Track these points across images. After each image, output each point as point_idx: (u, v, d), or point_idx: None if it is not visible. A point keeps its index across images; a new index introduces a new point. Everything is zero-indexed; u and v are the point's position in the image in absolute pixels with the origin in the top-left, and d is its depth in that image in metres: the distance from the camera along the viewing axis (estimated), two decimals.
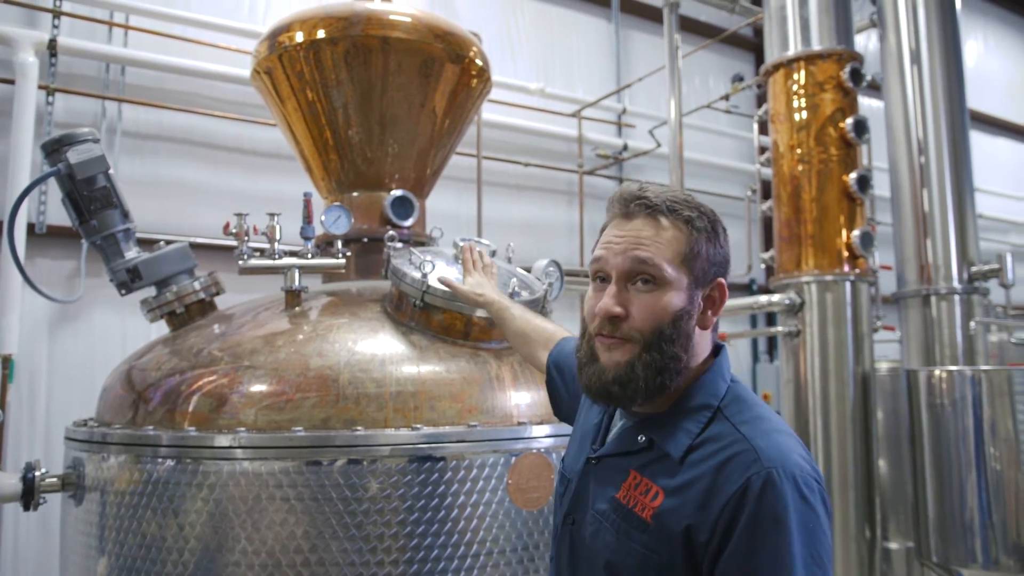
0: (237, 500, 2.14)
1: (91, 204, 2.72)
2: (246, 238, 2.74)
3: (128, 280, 2.78)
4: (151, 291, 2.87)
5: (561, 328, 2.15)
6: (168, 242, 2.92)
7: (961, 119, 5.29)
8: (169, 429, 2.32)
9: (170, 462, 2.23)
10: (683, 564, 1.31)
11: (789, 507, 1.25)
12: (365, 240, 3.19)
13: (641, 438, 1.45)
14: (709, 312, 1.47)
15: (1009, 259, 5.00)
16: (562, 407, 1.97)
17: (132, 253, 2.82)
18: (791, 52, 4.86)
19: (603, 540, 1.43)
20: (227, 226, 2.79)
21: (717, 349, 1.53)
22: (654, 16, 8.49)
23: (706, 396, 1.43)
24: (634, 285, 1.42)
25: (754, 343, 9.42)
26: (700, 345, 1.47)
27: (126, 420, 2.48)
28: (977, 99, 11.88)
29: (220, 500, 2.15)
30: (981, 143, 12.06)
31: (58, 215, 5.09)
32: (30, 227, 5.11)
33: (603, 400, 1.48)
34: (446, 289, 2.50)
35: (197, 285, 2.87)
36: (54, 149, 2.71)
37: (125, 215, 2.82)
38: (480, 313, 2.51)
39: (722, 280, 1.49)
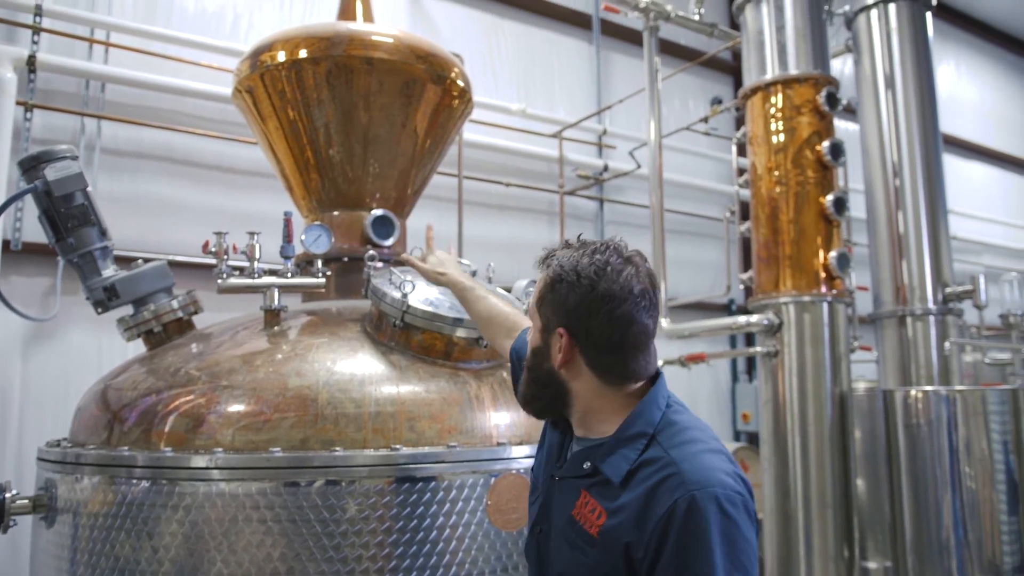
0: (213, 522, 2.12)
1: (68, 222, 2.70)
2: (225, 257, 2.73)
3: (105, 298, 2.76)
4: (128, 310, 2.85)
5: (522, 315, 2.19)
6: (146, 260, 2.90)
7: (934, 142, 5.39)
8: (145, 450, 2.29)
9: (145, 483, 2.20)
10: (626, 570, 1.50)
11: (711, 524, 1.42)
12: (345, 259, 3.18)
13: (586, 465, 1.63)
14: (557, 354, 1.67)
15: (982, 280, 5.08)
16: None
17: (109, 271, 2.80)
18: (768, 76, 4.93)
19: (559, 552, 1.64)
20: (206, 245, 2.78)
21: (656, 377, 1.71)
22: (634, 39, 8.57)
23: (642, 424, 1.60)
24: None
25: (733, 363, 9.46)
26: (580, 386, 1.68)
27: (101, 440, 2.45)
28: (950, 123, 12.11)
29: (196, 522, 2.13)
30: (954, 166, 12.29)
31: (34, 232, 5.03)
32: (5, 244, 5.05)
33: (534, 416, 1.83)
34: (426, 309, 2.50)
35: (175, 304, 2.85)
36: (31, 166, 2.69)
37: (103, 233, 2.80)
38: (460, 333, 2.52)
39: (562, 330, 1.64)
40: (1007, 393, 4.44)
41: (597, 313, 1.62)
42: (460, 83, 3.32)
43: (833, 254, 4.65)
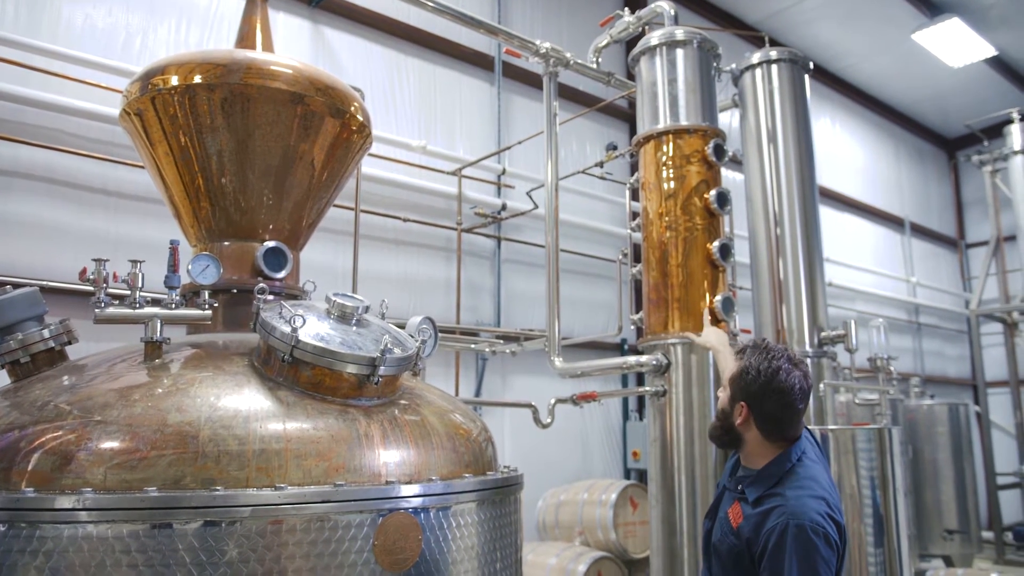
0: (78, 568, 1.99)
1: None
2: (104, 285, 2.60)
3: None
4: None
5: None
6: (17, 286, 2.73)
7: (812, 194, 5.74)
8: (3, 490, 2.13)
9: (1, 527, 2.04)
10: (747, 555, 2.63)
11: (794, 545, 2.47)
12: (234, 291, 3.08)
13: (739, 487, 2.81)
14: (737, 417, 2.82)
15: (853, 325, 5.39)
16: None
17: None
18: (661, 125, 5.14)
19: (716, 535, 2.83)
20: (84, 272, 2.64)
21: (795, 438, 2.79)
22: (535, 82, 8.81)
23: (774, 470, 2.73)
24: None
25: (625, 402, 9.67)
26: (750, 437, 2.82)
27: None
28: (827, 177, 12.95)
29: (58, 568, 1.99)
30: (830, 217, 13.12)
31: None
32: None
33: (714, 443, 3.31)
34: (317, 344, 2.45)
35: (46, 333, 2.67)
36: None
37: None
38: (351, 369, 2.48)
39: (744, 403, 2.80)
40: (873, 432, 4.72)
41: (767, 399, 2.75)
42: (359, 117, 3.31)
43: (719, 298, 4.84)
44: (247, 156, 3.07)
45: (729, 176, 5.93)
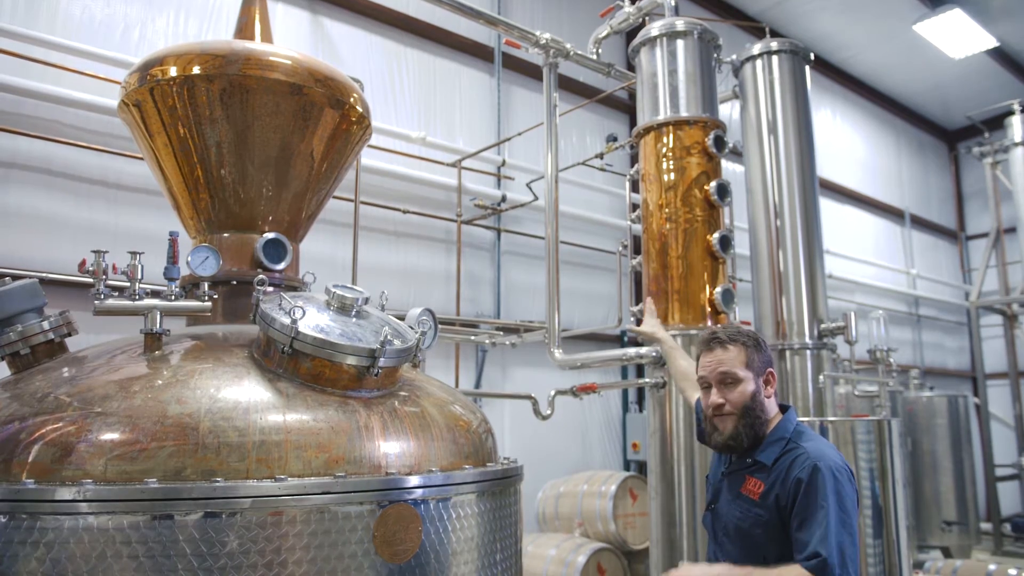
0: (78, 559, 1.99)
1: None
2: (104, 277, 2.59)
3: None
4: None
5: None
6: (16, 277, 2.72)
7: (812, 186, 5.73)
8: (3, 482, 2.13)
9: (1, 519, 2.04)
10: (776, 519, 2.65)
11: (826, 480, 2.57)
12: (234, 283, 3.08)
13: (748, 460, 2.82)
14: (768, 387, 2.86)
15: (852, 317, 5.40)
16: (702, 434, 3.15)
17: None
18: (661, 117, 5.12)
19: (734, 514, 2.81)
20: (83, 263, 2.63)
21: (785, 408, 2.91)
22: (535, 73, 8.78)
23: (782, 432, 2.81)
24: (725, 385, 2.81)
25: (624, 394, 9.67)
26: (770, 405, 2.86)
27: None
28: (827, 169, 12.94)
29: (59, 559, 1.99)
30: (830, 209, 13.10)
31: None
32: None
33: (726, 452, 2.93)
34: (316, 336, 2.45)
35: (46, 325, 2.67)
36: None
37: None
38: (351, 361, 2.47)
39: (771, 369, 2.89)
40: (873, 424, 4.73)
41: (770, 356, 2.92)
42: (359, 108, 3.30)
43: (718, 290, 4.84)
44: (246, 147, 3.07)
45: (729, 168, 5.92)
